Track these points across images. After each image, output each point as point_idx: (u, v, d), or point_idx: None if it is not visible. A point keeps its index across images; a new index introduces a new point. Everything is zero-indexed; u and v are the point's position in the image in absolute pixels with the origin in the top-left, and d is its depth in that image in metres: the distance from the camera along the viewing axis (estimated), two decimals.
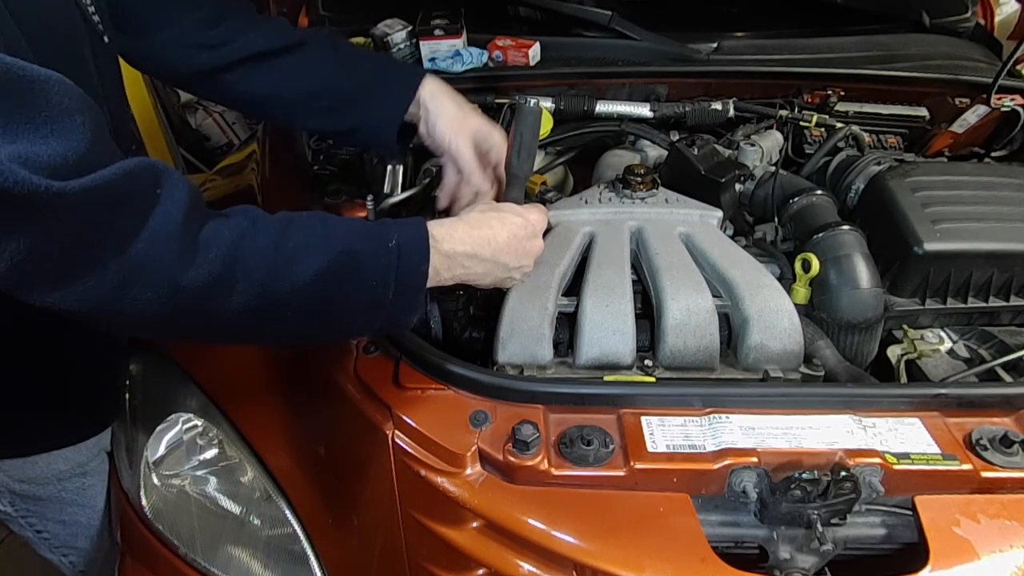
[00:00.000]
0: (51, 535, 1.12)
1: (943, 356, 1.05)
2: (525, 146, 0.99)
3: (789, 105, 1.46)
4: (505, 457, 0.78)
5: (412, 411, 0.83)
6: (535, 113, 0.98)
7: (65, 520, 1.10)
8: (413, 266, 0.76)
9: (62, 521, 1.10)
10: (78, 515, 1.11)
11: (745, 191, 1.27)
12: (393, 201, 1.23)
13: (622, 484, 0.78)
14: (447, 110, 1.03)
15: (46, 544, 1.13)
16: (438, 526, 0.81)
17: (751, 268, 1.01)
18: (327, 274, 0.70)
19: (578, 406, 0.84)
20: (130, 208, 0.61)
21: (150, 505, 1.02)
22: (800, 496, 0.73)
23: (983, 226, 1.08)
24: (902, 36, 1.70)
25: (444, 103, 1.03)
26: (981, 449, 0.79)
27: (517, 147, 0.99)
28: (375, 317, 0.77)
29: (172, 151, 3.03)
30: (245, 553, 0.99)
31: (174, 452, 1.03)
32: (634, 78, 1.50)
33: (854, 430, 0.81)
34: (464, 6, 1.50)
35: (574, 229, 1.09)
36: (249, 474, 0.98)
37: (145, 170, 0.63)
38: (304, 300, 0.70)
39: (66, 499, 1.07)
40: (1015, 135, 1.43)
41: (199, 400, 1.04)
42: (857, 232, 1.09)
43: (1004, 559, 0.73)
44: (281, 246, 0.69)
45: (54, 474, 1.03)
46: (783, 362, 0.93)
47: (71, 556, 1.17)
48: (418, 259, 0.76)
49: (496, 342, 0.94)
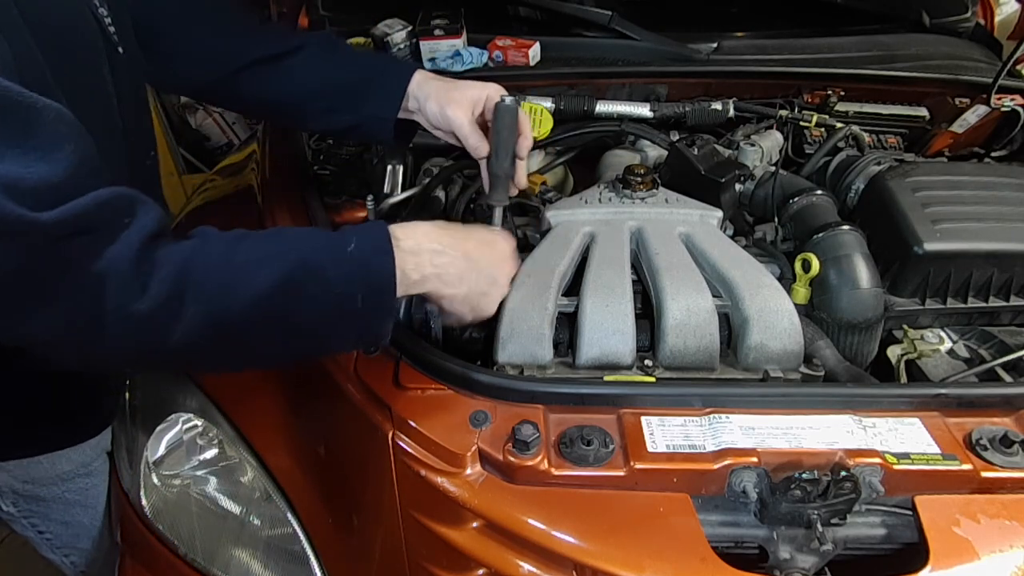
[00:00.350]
0: (53, 535, 1.12)
1: (943, 356, 1.05)
2: (503, 144, 0.98)
3: (789, 105, 1.46)
4: (505, 457, 0.78)
5: (412, 411, 0.83)
6: (511, 110, 0.98)
7: (68, 521, 1.11)
8: (378, 267, 0.74)
9: (65, 522, 1.10)
10: (81, 516, 1.11)
11: (745, 191, 1.27)
12: (393, 201, 1.24)
13: (622, 484, 0.78)
14: (435, 89, 1.03)
15: (48, 544, 1.13)
16: (438, 526, 0.81)
17: (751, 268, 1.01)
18: (283, 287, 0.67)
19: (578, 406, 0.84)
20: (94, 236, 0.60)
21: (150, 505, 1.02)
22: (800, 496, 0.73)
23: (983, 226, 1.08)
24: (902, 36, 1.70)
25: (432, 85, 1.03)
26: (981, 449, 0.79)
27: (496, 146, 0.99)
28: (349, 329, 0.75)
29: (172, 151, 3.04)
30: (245, 553, 0.99)
31: (174, 452, 1.03)
32: (634, 78, 1.50)
33: (854, 430, 0.81)
34: (464, 6, 1.50)
35: (574, 229, 1.09)
36: (249, 474, 0.98)
37: (120, 199, 0.62)
38: (263, 317, 0.68)
39: (69, 500, 1.07)
40: (1015, 135, 1.44)
41: (199, 400, 1.03)
42: (857, 232, 1.09)
43: (1004, 559, 0.73)
44: (232, 260, 0.67)
45: (58, 475, 1.03)
46: (783, 362, 0.93)
47: (72, 556, 1.17)
48: (381, 260, 0.74)
49: (496, 342, 0.94)
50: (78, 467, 1.04)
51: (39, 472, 1.01)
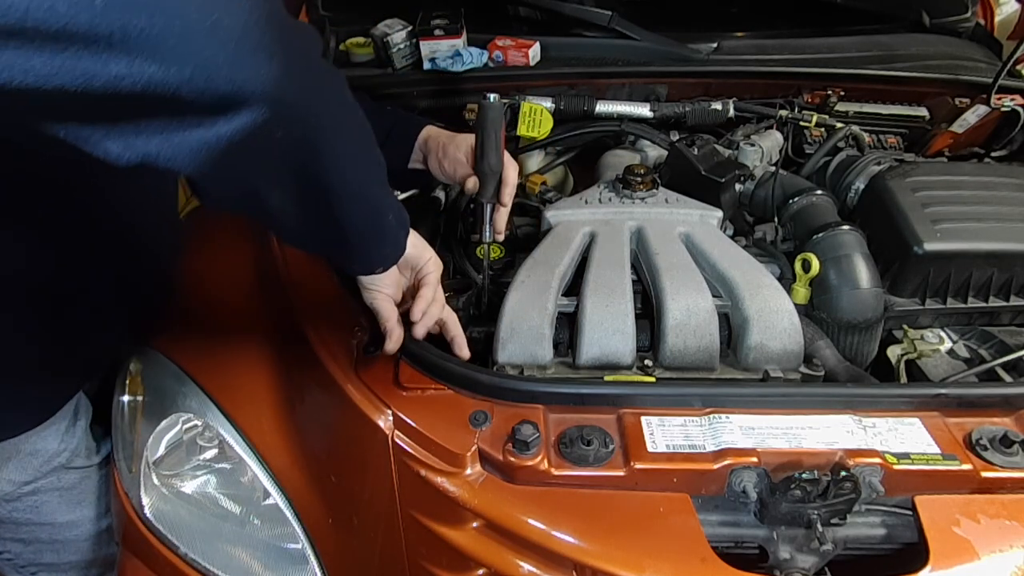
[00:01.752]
0: (13, 555, 1.10)
1: (943, 356, 1.05)
2: (488, 141, 0.99)
3: (789, 105, 1.46)
4: (505, 457, 0.78)
5: (412, 411, 0.83)
6: (496, 108, 0.99)
7: (24, 539, 1.08)
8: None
9: (20, 540, 1.08)
10: (36, 532, 1.08)
11: (745, 191, 1.27)
12: None
13: (622, 484, 0.78)
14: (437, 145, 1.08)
15: (10, 564, 1.10)
16: (438, 526, 0.81)
17: (751, 268, 1.01)
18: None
19: (578, 406, 0.84)
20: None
21: (150, 505, 1.02)
22: (800, 496, 0.73)
23: (983, 226, 1.08)
24: (902, 36, 1.70)
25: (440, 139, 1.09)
26: (981, 449, 0.79)
27: (482, 143, 1.00)
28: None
29: None
30: (245, 553, 0.98)
31: (174, 452, 1.03)
32: (634, 78, 1.50)
33: (854, 430, 0.81)
34: (464, 6, 1.50)
35: (574, 229, 1.09)
36: (249, 474, 0.98)
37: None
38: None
39: (19, 519, 1.05)
40: (1015, 135, 1.44)
41: (199, 400, 1.03)
42: (857, 232, 1.09)
43: (1004, 559, 0.73)
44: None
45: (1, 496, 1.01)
46: (783, 362, 0.93)
47: (40, 573, 1.15)
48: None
49: (496, 342, 0.94)
50: (19, 486, 1.01)
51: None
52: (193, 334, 1.12)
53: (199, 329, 1.13)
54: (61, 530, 1.11)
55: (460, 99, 1.42)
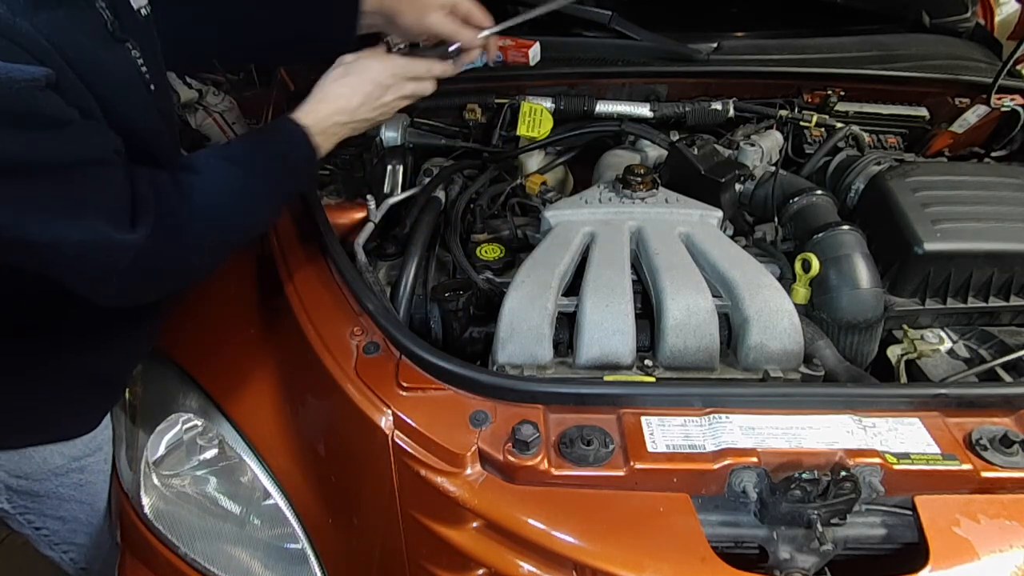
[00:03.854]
0: (50, 532, 1.12)
1: (943, 356, 1.05)
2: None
3: (789, 105, 1.46)
4: (505, 457, 0.78)
5: (412, 411, 0.83)
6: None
7: (64, 516, 1.10)
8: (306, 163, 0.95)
9: (60, 517, 1.10)
10: (76, 511, 1.11)
11: (745, 191, 1.27)
12: (393, 201, 1.23)
13: (622, 484, 0.78)
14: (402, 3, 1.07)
15: (46, 541, 1.13)
16: (438, 526, 0.81)
17: (751, 268, 1.01)
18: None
19: (578, 406, 0.84)
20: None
21: (150, 505, 1.02)
22: (800, 496, 0.73)
23: (983, 226, 1.08)
24: (902, 36, 1.70)
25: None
26: (981, 449, 0.79)
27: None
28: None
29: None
30: (245, 553, 0.99)
31: (174, 452, 1.03)
32: (634, 78, 1.50)
33: (854, 430, 0.81)
34: None
35: (574, 229, 1.09)
36: (249, 474, 0.98)
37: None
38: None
39: (63, 495, 1.07)
40: (1015, 135, 1.44)
41: (199, 400, 1.03)
42: (857, 232, 1.09)
43: (1004, 559, 0.73)
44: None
45: (51, 469, 1.02)
46: (783, 362, 0.93)
47: (71, 553, 1.17)
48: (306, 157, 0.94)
49: (496, 342, 0.94)
50: (70, 461, 1.04)
51: (31, 467, 1.01)
52: (193, 334, 1.12)
53: (199, 329, 1.13)
54: (99, 515, 1.13)
55: (460, 99, 1.42)
